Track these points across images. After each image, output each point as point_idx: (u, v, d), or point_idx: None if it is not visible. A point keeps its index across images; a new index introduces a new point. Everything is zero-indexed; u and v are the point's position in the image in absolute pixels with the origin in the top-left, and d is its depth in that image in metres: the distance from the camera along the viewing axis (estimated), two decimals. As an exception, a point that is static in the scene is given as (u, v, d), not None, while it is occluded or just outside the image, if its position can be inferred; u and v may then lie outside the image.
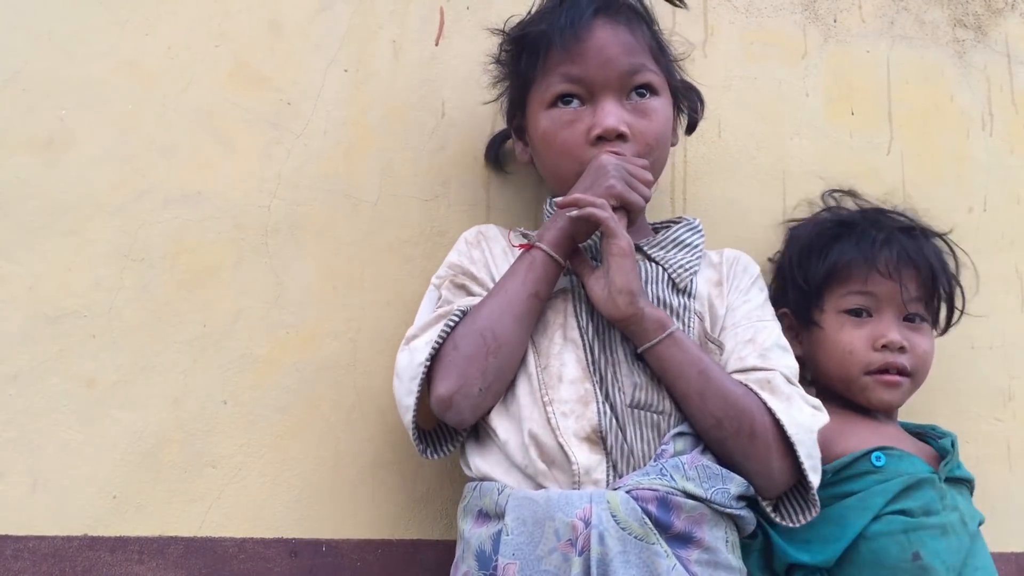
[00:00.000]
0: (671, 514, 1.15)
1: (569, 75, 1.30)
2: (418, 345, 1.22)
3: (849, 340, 1.43)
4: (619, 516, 1.12)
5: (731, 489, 1.20)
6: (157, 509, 1.30)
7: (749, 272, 1.38)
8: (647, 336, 1.22)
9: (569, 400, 1.22)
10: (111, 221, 1.34)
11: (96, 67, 1.36)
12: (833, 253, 1.45)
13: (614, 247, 1.21)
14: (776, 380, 1.24)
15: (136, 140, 1.36)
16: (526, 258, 1.25)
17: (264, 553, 1.33)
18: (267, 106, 1.42)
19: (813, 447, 1.23)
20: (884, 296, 1.44)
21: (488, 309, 1.22)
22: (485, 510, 1.20)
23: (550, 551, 1.13)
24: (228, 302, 1.36)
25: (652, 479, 1.16)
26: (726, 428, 1.21)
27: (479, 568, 1.17)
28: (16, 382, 1.27)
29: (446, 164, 1.49)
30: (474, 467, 1.25)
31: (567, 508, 1.13)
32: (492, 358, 1.20)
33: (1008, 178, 1.78)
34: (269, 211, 1.40)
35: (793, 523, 1.25)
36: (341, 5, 1.48)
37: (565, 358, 1.24)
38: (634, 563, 1.11)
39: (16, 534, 1.25)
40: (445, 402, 1.20)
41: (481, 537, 1.19)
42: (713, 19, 1.67)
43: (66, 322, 1.30)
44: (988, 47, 1.82)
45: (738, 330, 1.30)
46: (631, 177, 1.25)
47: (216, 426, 1.34)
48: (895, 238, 1.46)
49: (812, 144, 1.68)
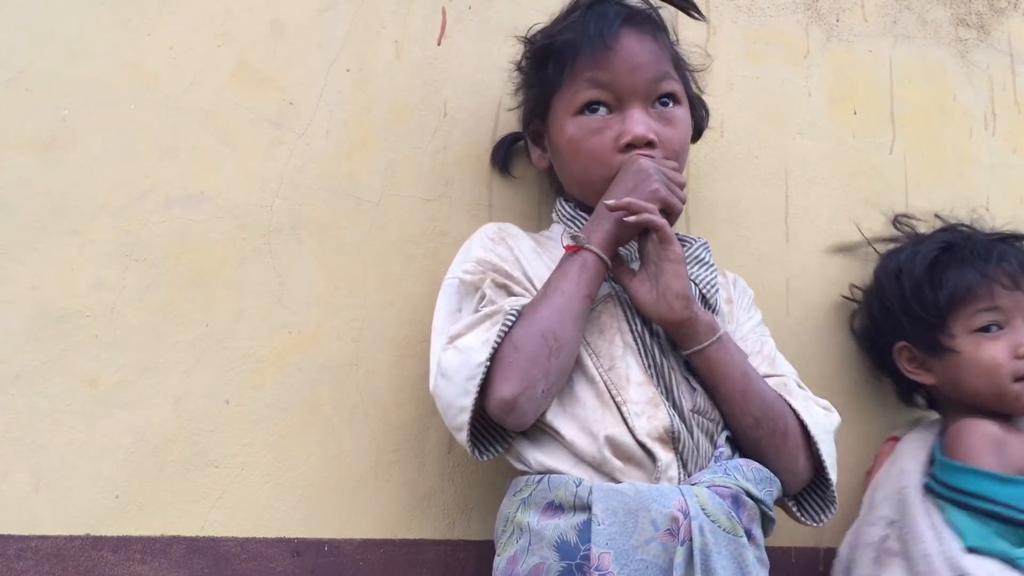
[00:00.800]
0: (740, 511, 1.20)
1: (597, 81, 1.32)
2: (470, 344, 1.21)
3: (992, 355, 1.46)
4: (708, 510, 1.17)
5: (774, 492, 1.26)
6: (160, 509, 1.30)
7: (748, 293, 1.45)
8: (699, 339, 1.25)
9: (639, 401, 1.24)
10: (114, 221, 1.34)
11: (99, 67, 1.36)
12: (950, 280, 1.49)
13: (670, 253, 1.24)
14: (790, 384, 1.33)
15: (138, 140, 1.36)
16: (577, 259, 1.26)
17: (266, 553, 1.33)
18: (269, 106, 1.42)
19: (831, 446, 1.30)
20: (1010, 307, 1.48)
21: (547, 310, 1.22)
22: (558, 502, 1.20)
23: (647, 540, 1.15)
24: (230, 302, 1.36)
25: (722, 477, 1.21)
26: (764, 428, 1.26)
27: (561, 558, 1.17)
28: (19, 382, 1.27)
29: (448, 164, 1.49)
30: (535, 462, 1.24)
31: (663, 500, 1.16)
32: (554, 359, 1.21)
33: (1011, 177, 1.79)
34: (271, 211, 1.40)
35: (816, 522, 1.33)
36: (343, 5, 1.48)
37: (629, 361, 1.27)
38: (726, 554, 1.16)
39: (19, 533, 1.25)
40: (508, 404, 1.19)
41: (560, 528, 1.19)
42: (715, 18, 1.67)
43: (69, 322, 1.30)
44: (991, 46, 1.82)
45: (747, 343, 1.36)
46: (670, 181, 1.27)
47: (218, 426, 1.34)
48: (1003, 250, 1.51)
49: (814, 144, 1.68)
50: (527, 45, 1.42)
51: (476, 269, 1.30)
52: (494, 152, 1.49)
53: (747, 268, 1.55)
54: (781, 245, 1.63)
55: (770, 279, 1.60)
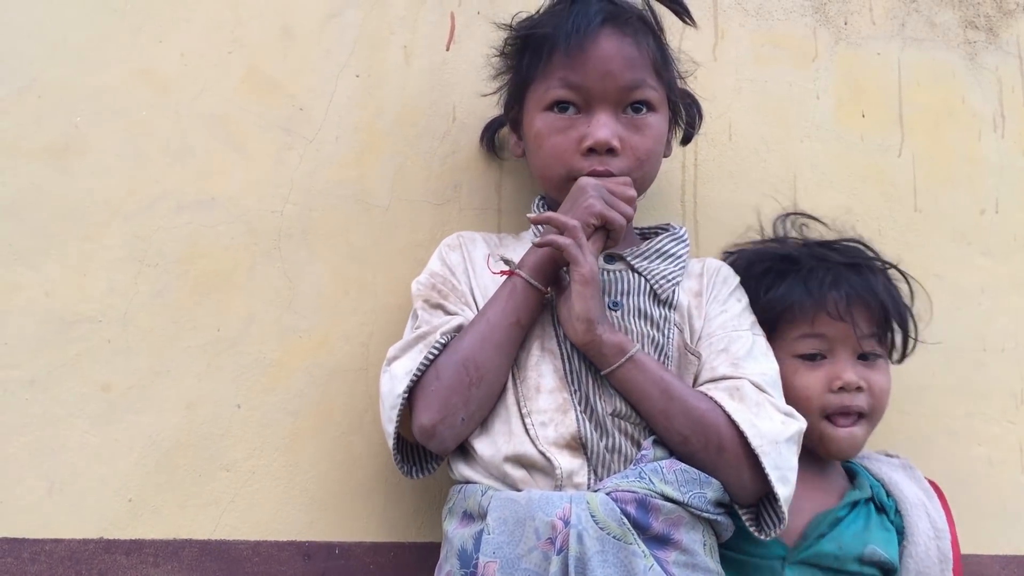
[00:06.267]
0: (649, 516, 1.16)
1: (568, 82, 1.31)
2: (397, 371, 1.24)
3: (804, 384, 1.37)
4: (598, 516, 1.14)
5: (708, 494, 1.21)
6: (172, 512, 1.31)
7: (728, 283, 1.38)
8: (607, 361, 1.23)
9: (547, 410, 1.23)
10: (126, 227, 1.35)
11: (110, 74, 1.37)
12: (780, 292, 1.39)
13: (576, 274, 1.22)
14: (745, 388, 1.24)
15: (150, 146, 1.37)
16: (507, 285, 1.27)
17: (277, 556, 1.34)
18: (280, 112, 1.43)
19: (780, 457, 1.21)
20: (836, 337, 1.38)
21: (470, 339, 1.23)
22: (469, 511, 1.22)
23: (530, 550, 1.14)
24: (241, 307, 1.37)
25: (631, 481, 1.18)
26: (693, 444, 1.22)
27: (460, 567, 1.19)
28: (33, 387, 1.28)
29: (457, 168, 1.50)
30: (458, 472, 1.27)
31: (547, 508, 1.15)
32: (474, 388, 1.22)
33: (1020, 180, 1.78)
34: (282, 216, 1.41)
35: (765, 535, 1.25)
36: (353, 11, 1.48)
37: (543, 369, 1.26)
38: (611, 562, 1.12)
39: (33, 537, 1.26)
40: (428, 432, 1.22)
41: (463, 537, 1.20)
42: (723, 22, 1.67)
43: (82, 327, 1.31)
44: (999, 48, 1.82)
45: (712, 340, 1.31)
46: (612, 196, 1.26)
47: (230, 430, 1.35)
48: (843, 276, 1.39)
49: (823, 147, 1.68)
50: (510, 32, 1.41)
51: (426, 282, 1.32)
52: (483, 133, 1.50)
53: (755, 271, 1.55)
54: (789, 248, 1.62)
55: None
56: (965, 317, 1.69)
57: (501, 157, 1.51)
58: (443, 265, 1.34)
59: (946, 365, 1.66)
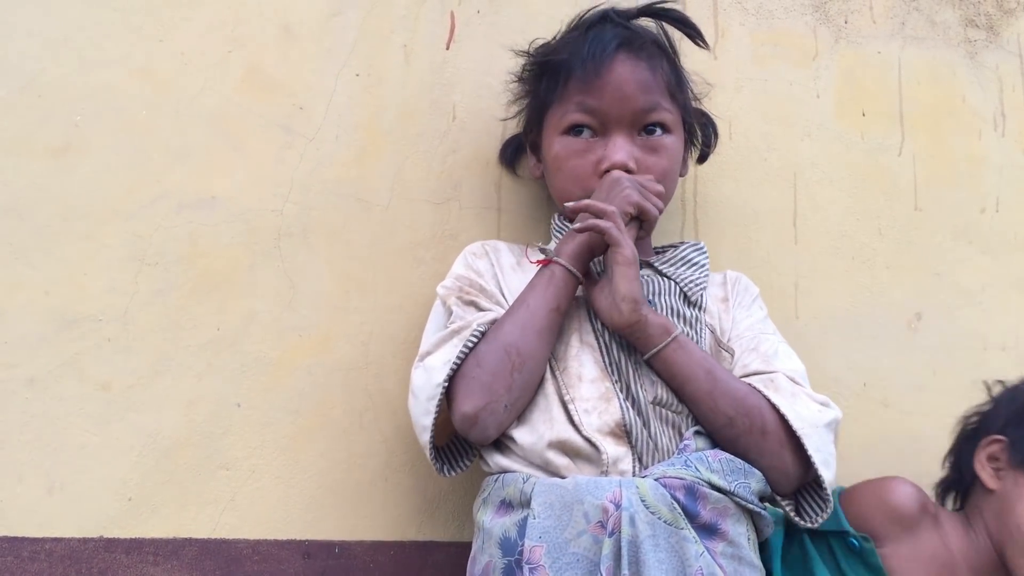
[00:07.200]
0: (697, 503, 1.16)
1: (585, 106, 1.33)
2: (434, 363, 1.23)
3: None
4: (648, 501, 1.14)
5: (752, 484, 1.21)
6: (172, 511, 1.31)
7: (750, 291, 1.42)
8: (652, 341, 1.24)
9: (590, 398, 1.24)
10: (126, 226, 1.35)
11: (110, 73, 1.37)
12: None
13: (618, 256, 1.23)
14: (779, 380, 1.27)
15: (150, 145, 1.37)
16: (545, 273, 1.27)
17: (278, 555, 1.34)
18: (280, 111, 1.43)
19: (822, 441, 1.23)
20: None
21: (511, 325, 1.24)
22: (508, 499, 1.21)
23: (579, 533, 1.14)
24: (241, 306, 1.38)
25: (678, 469, 1.18)
26: (738, 426, 1.22)
27: (503, 555, 1.18)
28: (33, 385, 1.29)
29: (458, 167, 1.50)
30: (493, 463, 1.26)
31: (597, 492, 1.15)
32: (517, 374, 1.21)
33: (1021, 178, 1.78)
34: (282, 215, 1.41)
35: (811, 523, 1.26)
36: (353, 10, 1.49)
37: (583, 359, 1.27)
38: (663, 547, 1.12)
39: (33, 536, 1.26)
40: (470, 419, 1.21)
41: (505, 525, 1.19)
42: (723, 21, 1.67)
43: (82, 326, 1.31)
44: (1000, 47, 1.82)
45: (742, 341, 1.33)
46: (644, 189, 1.29)
47: (230, 429, 1.35)
48: None
49: (823, 145, 1.68)
50: (527, 58, 1.44)
51: (453, 285, 1.32)
52: (502, 150, 1.51)
53: (755, 270, 1.55)
54: (790, 247, 1.63)
55: (778, 281, 1.61)
56: (965, 316, 1.69)
57: (518, 174, 1.51)
58: (469, 269, 1.35)
59: (946, 364, 1.66)
